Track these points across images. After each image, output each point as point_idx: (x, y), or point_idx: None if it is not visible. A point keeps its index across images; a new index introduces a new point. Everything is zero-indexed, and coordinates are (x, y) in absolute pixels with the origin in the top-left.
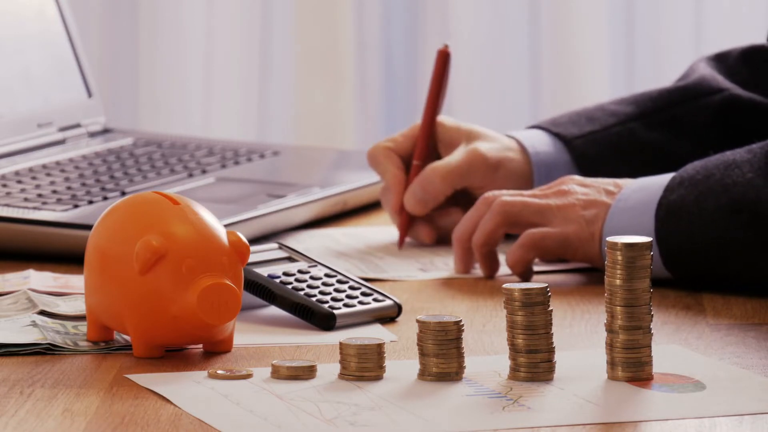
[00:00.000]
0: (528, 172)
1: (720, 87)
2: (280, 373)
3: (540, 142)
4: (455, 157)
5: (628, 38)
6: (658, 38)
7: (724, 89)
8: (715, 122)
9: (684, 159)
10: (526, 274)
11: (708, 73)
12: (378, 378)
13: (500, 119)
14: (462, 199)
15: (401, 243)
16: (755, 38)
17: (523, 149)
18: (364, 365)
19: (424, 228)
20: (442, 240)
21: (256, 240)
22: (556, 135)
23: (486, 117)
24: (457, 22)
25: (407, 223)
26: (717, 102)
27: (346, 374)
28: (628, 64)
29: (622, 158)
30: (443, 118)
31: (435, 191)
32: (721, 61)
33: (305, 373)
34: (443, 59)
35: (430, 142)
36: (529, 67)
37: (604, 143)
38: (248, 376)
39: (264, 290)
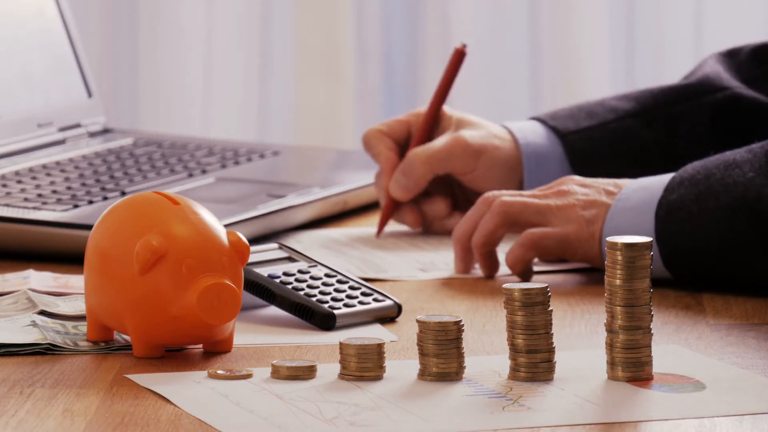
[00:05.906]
0: (516, 162)
1: (722, 86)
2: (280, 373)
3: (533, 134)
4: (438, 142)
5: (628, 36)
6: (658, 35)
7: (726, 88)
8: (714, 121)
9: (680, 158)
10: (525, 274)
11: (713, 71)
12: (378, 378)
13: (500, 118)
14: (447, 187)
15: (380, 231)
16: (755, 37)
17: (513, 139)
18: (364, 365)
19: (410, 213)
20: (426, 229)
21: (256, 240)
22: (552, 128)
23: (486, 116)
24: (457, 23)
25: (389, 210)
26: (718, 101)
27: (346, 374)
28: (628, 62)
29: (617, 155)
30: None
31: (416, 175)
32: (732, 56)
33: (305, 373)
34: (459, 58)
35: (430, 133)
36: (529, 66)
37: (600, 139)
38: (248, 376)
39: (264, 290)
